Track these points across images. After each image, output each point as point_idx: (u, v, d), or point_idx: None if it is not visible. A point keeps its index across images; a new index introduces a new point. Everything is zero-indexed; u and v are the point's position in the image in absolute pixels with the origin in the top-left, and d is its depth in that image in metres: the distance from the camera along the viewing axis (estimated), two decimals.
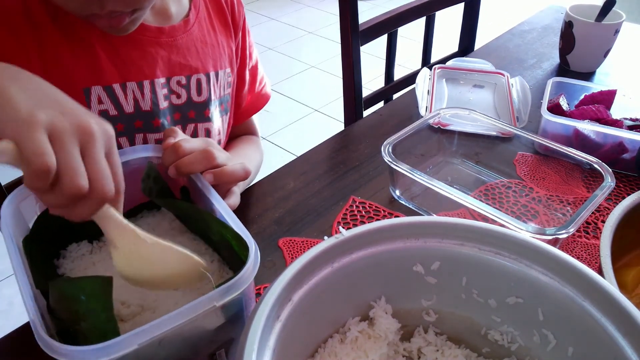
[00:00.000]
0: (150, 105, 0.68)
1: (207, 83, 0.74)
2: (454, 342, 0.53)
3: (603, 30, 1.04)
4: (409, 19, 1.18)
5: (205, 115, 0.75)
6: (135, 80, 0.67)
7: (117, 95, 0.65)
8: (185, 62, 0.71)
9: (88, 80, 0.63)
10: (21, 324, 0.58)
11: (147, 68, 0.68)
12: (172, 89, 0.71)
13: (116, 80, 0.65)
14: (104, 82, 0.64)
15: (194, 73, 0.73)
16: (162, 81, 0.70)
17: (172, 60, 0.70)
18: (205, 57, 0.74)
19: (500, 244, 0.48)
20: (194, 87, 0.73)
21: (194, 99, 0.73)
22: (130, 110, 0.67)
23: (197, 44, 0.73)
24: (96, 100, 0.64)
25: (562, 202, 0.75)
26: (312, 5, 3.65)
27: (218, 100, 0.77)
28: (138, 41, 0.66)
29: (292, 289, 0.44)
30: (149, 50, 0.67)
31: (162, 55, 0.69)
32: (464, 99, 1.00)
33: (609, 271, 0.51)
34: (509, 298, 0.49)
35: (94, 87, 0.64)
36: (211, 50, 0.75)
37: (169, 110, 0.71)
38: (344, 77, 1.15)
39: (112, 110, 0.66)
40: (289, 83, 2.74)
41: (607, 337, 0.42)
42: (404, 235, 0.50)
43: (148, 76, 0.68)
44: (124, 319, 0.48)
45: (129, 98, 0.66)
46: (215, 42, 0.76)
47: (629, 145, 0.79)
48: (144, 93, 0.68)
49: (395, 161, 0.69)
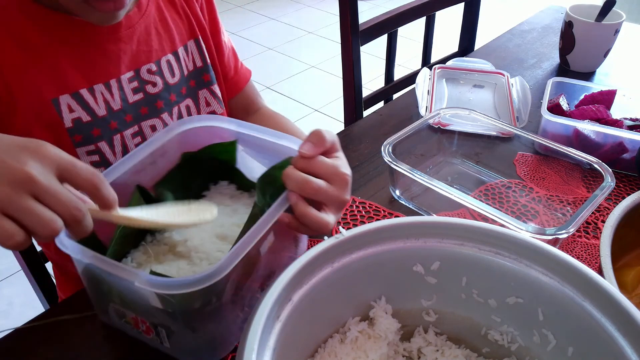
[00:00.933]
0: (120, 103, 0.67)
1: (176, 61, 0.73)
2: (454, 342, 0.53)
3: (603, 30, 1.04)
4: (409, 19, 1.18)
5: (182, 94, 0.74)
6: (102, 81, 0.65)
7: (86, 100, 0.64)
8: (149, 49, 0.70)
9: (55, 91, 0.62)
10: (21, 324, 0.58)
11: (112, 66, 0.66)
12: (143, 79, 0.69)
13: (83, 85, 0.64)
14: (71, 89, 0.63)
15: (162, 56, 0.71)
16: (130, 75, 0.68)
17: (136, 50, 0.68)
18: (169, 35, 0.72)
19: (500, 244, 0.48)
20: (166, 71, 0.72)
21: (170, 82, 0.72)
22: (103, 113, 0.66)
23: (157, 24, 0.71)
24: (67, 110, 0.63)
25: (562, 202, 0.75)
26: (312, 5, 3.65)
27: (194, 72, 0.75)
28: (97, 41, 0.65)
29: (292, 289, 0.44)
30: (110, 48, 0.66)
31: (124, 49, 0.67)
32: (464, 99, 1.00)
33: (609, 271, 0.51)
34: (509, 298, 0.49)
35: (62, 96, 0.63)
36: (174, 25, 0.73)
37: (145, 102, 0.70)
38: (344, 77, 1.15)
39: (85, 116, 0.65)
40: (289, 83, 2.74)
41: (607, 337, 0.42)
42: (404, 235, 0.50)
43: (114, 74, 0.66)
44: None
45: (99, 101, 0.65)
46: (175, 15, 0.74)
47: (629, 145, 0.79)
48: (113, 92, 0.67)
49: (395, 161, 0.69)
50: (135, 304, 0.50)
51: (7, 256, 0.88)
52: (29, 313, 0.60)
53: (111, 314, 0.54)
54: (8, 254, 0.85)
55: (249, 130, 0.61)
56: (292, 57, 2.99)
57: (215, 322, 0.49)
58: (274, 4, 3.66)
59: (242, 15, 3.49)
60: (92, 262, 0.46)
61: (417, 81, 1.00)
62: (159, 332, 0.51)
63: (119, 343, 0.56)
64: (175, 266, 0.54)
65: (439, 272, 0.51)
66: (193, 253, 0.56)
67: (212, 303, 0.47)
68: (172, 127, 0.61)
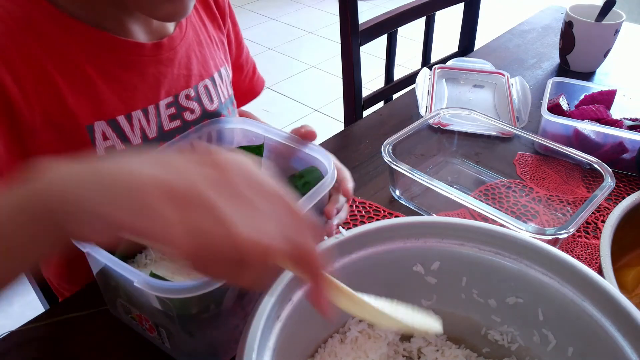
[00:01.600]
0: (156, 131, 0.63)
1: (214, 87, 0.70)
2: (454, 342, 0.53)
3: (603, 30, 1.04)
4: (409, 19, 1.18)
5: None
6: (139, 107, 0.61)
7: (122, 128, 0.60)
8: (188, 73, 0.66)
9: (90, 117, 0.58)
10: (21, 324, 0.58)
11: (151, 92, 0.62)
12: (181, 105, 0.66)
13: (120, 112, 0.60)
14: (108, 115, 0.59)
15: (200, 81, 0.68)
16: (169, 100, 0.64)
17: (176, 74, 0.65)
18: (205, 60, 0.69)
19: (500, 244, 0.48)
20: (204, 96, 0.68)
21: (208, 109, 0.69)
22: (138, 142, 0.62)
23: (195, 47, 0.68)
24: (101, 137, 0.59)
25: (562, 202, 0.75)
26: (312, 5, 3.65)
27: (225, 102, 0.73)
28: (137, 64, 0.61)
29: (292, 289, 0.44)
30: (150, 72, 0.62)
31: (164, 72, 0.63)
32: (464, 99, 1.00)
33: (609, 271, 0.51)
34: (509, 298, 0.49)
35: (97, 122, 0.58)
36: (208, 50, 0.70)
37: (181, 130, 0.66)
38: (344, 77, 1.15)
39: (119, 145, 0.60)
40: (289, 83, 2.74)
41: (607, 337, 0.42)
42: (404, 235, 0.50)
43: (152, 100, 0.62)
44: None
45: (135, 128, 0.61)
46: (208, 39, 0.71)
47: (629, 145, 0.79)
48: (149, 119, 0.62)
49: (395, 161, 0.69)
50: (139, 302, 0.50)
51: None
52: (29, 313, 0.60)
53: (119, 308, 0.55)
54: None
55: (275, 136, 0.61)
56: (292, 57, 2.99)
57: (214, 329, 0.49)
58: (274, 4, 3.65)
59: (242, 15, 3.49)
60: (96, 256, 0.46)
61: (417, 81, 1.00)
62: (161, 332, 0.51)
63: (119, 343, 0.56)
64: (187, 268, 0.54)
65: (439, 272, 0.51)
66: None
67: (210, 310, 0.47)
68: (199, 127, 0.61)
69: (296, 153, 0.61)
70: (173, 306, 0.45)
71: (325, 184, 0.54)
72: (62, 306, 0.60)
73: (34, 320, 0.58)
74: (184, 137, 0.60)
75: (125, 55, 0.60)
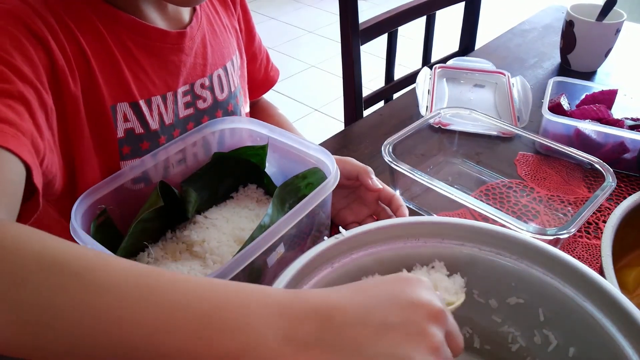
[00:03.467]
0: (172, 117, 0.64)
1: (225, 76, 0.71)
2: None
3: (604, 29, 1.04)
4: (409, 18, 1.18)
5: (229, 111, 0.72)
6: (159, 93, 0.63)
7: (143, 111, 0.61)
8: (204, 62, 0.67)
9: (115, 98, 0.59)
10: None
11: (171, 79, 0.64)
12: (196, 93, 0.67)
13: (142, 96, 0.61)
14: (131, 98, 0.60)
15: (214, 70, 0.69)
16: (185, 88, 0.65)
17: (193, 63, 0.66)
18: (219, 49, 0.70)
19: (501, 244, 0.48)
20: (217, 86, 0.69)
21: (218, 99, 0.70)
22: (156, 127, 0.63)
23: (210, 36, 0.69)
24: (122, 118, 0.59)
25: (563, 202, 0.75)
26: (312, 5, 3.65)
27: (234, 91, 0.73)
28: (161, 51, 0.62)
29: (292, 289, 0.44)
30: (171, 60, 0.63)
31: (184, 61, 0.64)
32: (464, 99, 1.00)
33: (610, 271, 0.51)
34: (509, 298, 0.48)
35: (120, 103, 0.59)
36: (222, 39, 0.71)
37: (194, 118, 0.67)
38: (344, 77, 1.15)
39: (138, 128, 0.61)
40: (288, 83, 2.74)
41: (608, 337, 0.42)
42: (404, 235, 0.49)
43: (171, 87, 0.64)
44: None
45: (154, 114, 0.62)
46: (222, 27, 0.72)
47: (630, 145, 0.78)
48: (167, 106, 0.64)
49: (395, 161, 0.69)
50: None
51: None
52: None
53: None
54: None
55: (279, 136, 0.62)
56: (292, 57, 2.99)
57: None
58: (273, 3, 3.65)
59: None
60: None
61: (417, 81, 1.00)
62: None
63: None
64: (188, 265, 0.54)
65: None
66: (208, 255, 0.56)
67: None
68: (204, 126, 0.62)
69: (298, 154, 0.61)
70: None
71: (328, 185, 0.54)
72: None
73: None
74: (187, 137, 0.61)
75: (150, 42, 0.61)
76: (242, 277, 0.47)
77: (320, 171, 0.59)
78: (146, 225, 0.56)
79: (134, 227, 0.54)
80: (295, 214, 0.51)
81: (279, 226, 0.49)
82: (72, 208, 0.51)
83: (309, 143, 0.61)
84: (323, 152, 0.59)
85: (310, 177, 0.60)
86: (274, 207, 0.54)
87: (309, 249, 0.46)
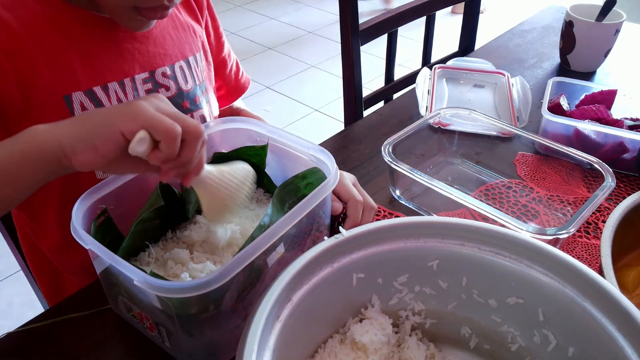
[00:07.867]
0: None
1: (189, 69, 0.73)
2: (454, 343, 0.53)
3: (603, 30, 1.04)
4: (409, 18, 1.18)
5: (196, 102, 0.74)
6: (116, 80, 0.65)
7: (99, 98, 0.63)
8: (164, 52, 0.70)
9: (67, 87, 0.61)
10: (21, 324, 0.58)
11: (126, 65, 0.66)
12: (157, 82, 0.69)
13: (96, 83, 0.63)
14: (84, 86, 0.62)
15: (176, 61, 0.71)
16: (145, 76, 0.68)
17: (151, 52, 0.68)
18: (180, 43, 0.73)
19: (501, 244, 0.48)
20: (180, 76, 0.72)
21: (183, 89, 0.72)
22: None
23: (170, 30, 0.72)
24: (79, 107, 0.62)
25: (562, 202, 0.75)
26: (312, 5, 3.65)
27: (200, 86, 0.76)
28: (113, 39, 0.65)
29: (292, 289, 0.44)
30: (125, 47, 0.66)
31: (139, 49, 0.67)
32: (464, 99, 1.00)
33: (610, 271, 0.51)
34: (509, 298, 0.49)
35: (75, 93, 0.62)
36: (183, 34, 0.74)
37: None
38: (344, 77, 1.15)
39: None
40: (288, 83, 2.74)
41: (608, 337, 0.42)
42: (404, 235, 0.49)
43: (128, 73, 0.66)
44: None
45: (112, 99, 0.65)
46: (185, 25, 0.74)
47: (630, 145, 0.78)
48: (127, 92, 0.66)
49: (395, 161, 0.69)
50: (139, 300, 0.50)
51: (7, 256, 0.88)
52: (29, 313, 0.60)
53: (120, 305, 0.55)
54: (8, 254, 0.85)
55: (279, 136, 0.62)
56: (292, 57, 2.99)
57: (213, 329, 0.49)
58: (274, 3, 3.65)
59: (242, 15, 3.49)
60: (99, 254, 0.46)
61: (417, 81, 1.00)
62: (161, 331, 0.51)
63: (119, 343, 0.56)
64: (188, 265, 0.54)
65: (439, 273, 0.50)
66: (208, 255, 0.56)
67: (209, 310, 0.47)
68: (204, 126, 0.62)
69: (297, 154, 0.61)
70: (172, 306, 0.45)
71: (328, 185, 0.54)
72: (62, 306, 0.60)
73: (34, 320, 0.58)
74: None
75: (101, 30, 0.64)
76: (242, 276, 0.47)
77: (320, 171, 0.59)
78: (146, 225, 0.56)
79: (134, 227, 0.54)
80: (295, 214, 0.51)
81: (278, 226, 0.49)
82: (73, 208, 0.51)
83: (309, 143, 0.61)
84: (323, 152, 0.59)
85: (310, 177, 0.60)
86: (274, 207, 0.54)
87: (309, 249, 0.46)
